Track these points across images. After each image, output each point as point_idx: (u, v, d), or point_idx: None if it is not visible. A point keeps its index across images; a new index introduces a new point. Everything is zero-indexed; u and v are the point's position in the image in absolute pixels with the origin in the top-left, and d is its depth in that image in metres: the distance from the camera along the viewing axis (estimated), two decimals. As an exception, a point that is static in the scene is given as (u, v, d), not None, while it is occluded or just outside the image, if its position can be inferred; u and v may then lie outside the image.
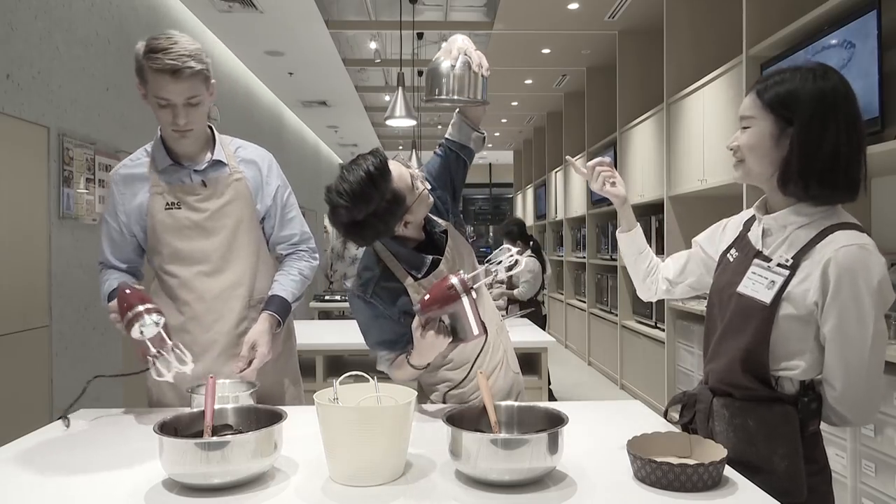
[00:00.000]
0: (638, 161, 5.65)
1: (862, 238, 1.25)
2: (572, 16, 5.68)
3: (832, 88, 1.26)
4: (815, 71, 1.29)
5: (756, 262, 1.34)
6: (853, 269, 1.23)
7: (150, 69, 1.64)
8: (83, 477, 1.31)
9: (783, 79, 1.30)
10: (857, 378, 1.26)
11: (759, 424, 1.30)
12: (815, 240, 1.28)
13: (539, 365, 3.43)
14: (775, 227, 1.36)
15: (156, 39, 1.66)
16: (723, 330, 1.38)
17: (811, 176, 1.26)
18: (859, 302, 1.23)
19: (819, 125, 1.25)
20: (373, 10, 6.38)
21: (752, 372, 1.31)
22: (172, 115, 1.70)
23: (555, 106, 8.98)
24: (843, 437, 2.66)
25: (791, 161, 1.27)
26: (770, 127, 1.30)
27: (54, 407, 3.37)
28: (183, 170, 1.83)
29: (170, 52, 1.63)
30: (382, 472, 1.25)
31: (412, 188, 1.61)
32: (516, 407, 1.39)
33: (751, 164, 1.34)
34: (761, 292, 1.30)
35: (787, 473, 1.27)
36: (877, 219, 3.28)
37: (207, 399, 1.35)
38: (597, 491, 1.21)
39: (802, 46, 3.05)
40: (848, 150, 1.26)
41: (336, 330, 4.14)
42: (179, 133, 1.74)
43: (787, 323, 1.28)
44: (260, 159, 1.91)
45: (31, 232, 3.34)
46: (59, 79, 3.59)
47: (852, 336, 1.24)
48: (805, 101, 1.26)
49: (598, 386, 6.44)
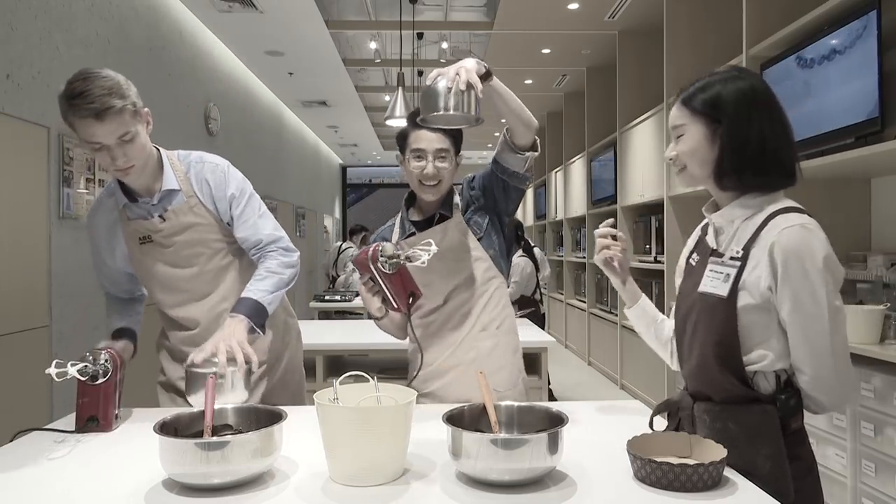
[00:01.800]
0: (638, 161, 5.65)
1: (802, 218, 1.29)
2: (572, 16, 5.68)
3: (751, 86, 1.35)
4: (733, 73, 1.38)
5: (711, 260, 1.39)
6: (797, 249, 1.26)
7: (74, 115, 1.58)
8: (83, 477, 1.31)
9: (705, 85, 1.37)
10: (824, 358, 1.27)
11: (740, 427, 1.31)
12: (760, 227, 1.32)
13: (539, 365, 3.43)
14: (724, 223, 1.41)
15: (72, 84, 1.58)
16: (691, 332, 1.41)
17: (744, 167, 1.33)
18: (809, 280, 1.26)
19: (744, 120, 1.33)
20: (373, 10, 6.38)
21: (725, 364, 1.32)
22: (110, 157, 1.64)
23: (555, 106, 8.98)
24: (843, 437, 2.66)
25: (723, 157, 1.34)
26: (702, 130, 1.36)
27: (54, 407, 3.38)
28: (141, 206, 1.79)
29: (86, 95, 1.56)
30: (382, 472, 1.25)
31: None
32: (516, 407, 1.39)
33: (692, 169, 1.40)
34: (719, 287, 1.34)
35: (773, 474, 1.27)
36: (877, 219, 3.28)
37: (207, 399, 1.35)
38: (597, 491, 1.21)
39: (802, 46, 3.05)
40: (774, 137, 1.33)
41: (336, 330, 4.14)
42: (122, 172, 1.68)
43: (747, 314, 1.31)
44: (211, 175, 1.82)
45: (31, 232, 3.34)
46: (59, 79, 3.57)
47: (809, 315, 1.26)
48: (729, 100, 1.34)
49: (598, 386, 6.44)
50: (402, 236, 1.91)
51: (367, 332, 4.21)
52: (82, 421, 1.57)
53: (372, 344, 3.38)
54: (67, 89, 1.58)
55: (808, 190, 3.26)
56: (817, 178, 3.26)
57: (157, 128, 1.81)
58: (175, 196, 1.78)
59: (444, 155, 1.83)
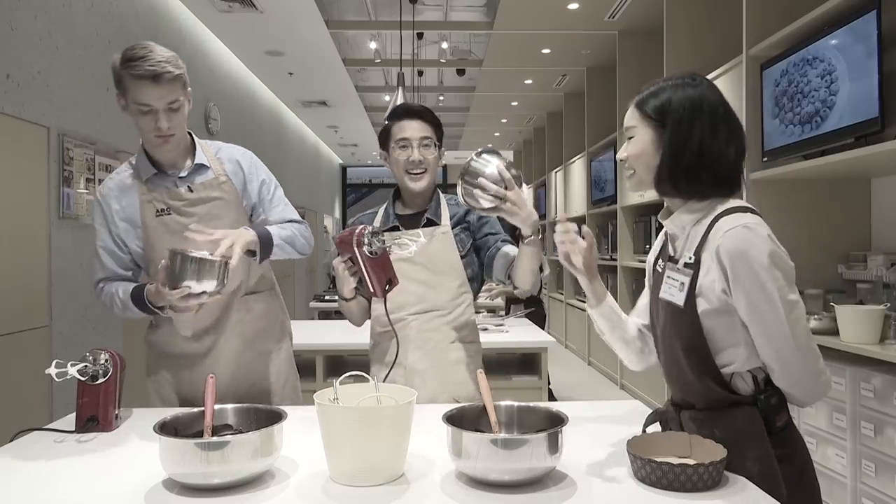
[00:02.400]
0: (638, 161, 5.64)
1: (744, 218, 1.29)
2: (572, 16, 5.68)
3: (700, 94, 1.34)
4: (685, 79, 1.37)
5: (669, 266, 1.39)
6: (741, 249, 1.26)
7: (131, 76, 1.67)
8: (83, 477, 1.31)
9: (658, 90, 1.37)
10: (788, 353, 1.27)
11: (725, 432, 1.30)
12: (707, 231, 1.32)
13: (539, 365, 3.43)
14: (676, 229, 1.41)
15: (132, 49, 1.69)
16: (662, 340, 1.41)
17: (678, 172, 1.33)
18: (758, 279, 1.25)
19: (686, 126, 1.33)
20: (373, 10, 6.38)
21: (700, 369, 1.32)
22: (154, 120, 1.71)
23: (555, 106, 8.98)
24: (843, 437, 2.66)
25: (663, 161, 1.34)
26: (650, 134, 1.36)
27: (54, 407, 3.38)
28: (168, 177, 1.84)
29: (148, 59, 1.66)
30: (382, 472, 1.25)
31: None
32: (516, 407, 1.39)
33: (640, 173, 1.40)
34: (676, 296, 1.34)
35: (762, 476, 1.26)
36: (877, 219, 3.28)
37: (207, 399, 1.35)
38: (597, 491, 1.21)
39: (802, 46, 3.05)
40: (714, 148, 1.32)
41: (336, 330, 4.13)
42: (162, 139, 1.75)
43: (709, 319, 1.31)
44: (241, 159, 1.93)
45: (31, 232, 3.34)
46: (59, 79, 3.59)
47: (765, 313, 1.26)
48: (675, 106, 1.34)
49: (598, 386, 6.44)
50: (383, 227, 1.93)
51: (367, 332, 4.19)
52: (82, 421, 1.57)
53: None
54: (127, 53, 1.68)
55: (808, 190, 3.29)
56: (817, 178, 3.26)
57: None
58: (204, 172, 1.86)
59: (427, 143, 1.91)
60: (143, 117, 1.72)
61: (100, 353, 1.59)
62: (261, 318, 1.95)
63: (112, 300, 1.82)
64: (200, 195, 1.84)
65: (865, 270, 3.04)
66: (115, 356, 1.61)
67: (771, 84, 3.30)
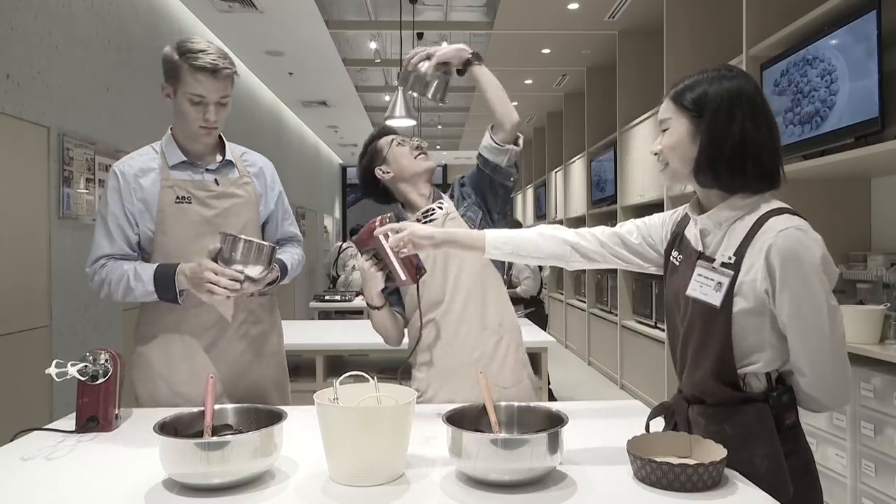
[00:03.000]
0: (638, 161, 5.65)
1: (796, 220, 1.28)
2: (572, 16, 5.68)
3: (737, 85, 1.33)
4: (721, 71, 1.37)
5: (700, 264, 1.36)
6: (795, 251, 1.25)
7: (191, 67, 1.73)
8: (83, 477, 1.31)
9: (694, 82, 1.37)
10: (824, 360, 1.27)
11: (735, 428, 1.30)
12: (753, 230, 1.30)
13: (539, 365, 3.43)
14: (711, 225, 1.39)
15: (190, 42, 1.75)
16: (684, 336, 1.40)
17: (720, 164, 1.32)
18: (808, 283, 1.25)
19: (725, 117, 1.31)
20: (373, 10, 6.38)
21: (720, 377, 1.32)
22: (203, 112, 1.77)
23: (555, 106, 8.98)
24: (843, 437, 2.66)
25: (703, 153, 1.33)
26: (686, 125, 1.36)
27: (54, 407, 3.38)
28: (194, 168, 1.86)
29: (208, 52, 1.74)
30: (382, 472, 1.25)
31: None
32: (516, 407, 1.39)
33: (674, 165, 1.39)
34: (710, 295, 1.32)
35: (770, 473, 1.27)
36: (877, 219, 3.28)
37: (207, 399, 1.35)
38: (597, 491, 1.21)
39: (802, 46, 3.05)
40: (756, 138, 1.31)
41: (336, 330, 4.14)
42: (206, 130, 1.81)
43: (741, 318, 1.30)
44: (265, 166, 2.01)
45: (31, 232, 3.34)
46: (59, 79, 3.59)
47: (809, 319, 1.26)
48: (713, 97, 1.33)
49: (598, 386, 6.44)
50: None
51: (367, 332, 4.19)
52: (82, 421, 1.57)
53: (372, 344, 3.37)
54: (186, 45, 1.74)
55: (808, 190, 3.29)
56: (817, 178, 3.26)
57: (157, 128, 1.83)
58: (231, 170, 1.91)
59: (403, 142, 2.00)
60: (193, 108, 1.77)
61: (100, 353, 1.59)
62: (265, 320, 1.96)
63: (120, 279, 1.76)
64: (225, 190, 1.87)
65: (865, 270, 3.04)
66: (115, 356, 1.61)
67: (771, 84, 3.30)
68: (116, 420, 1.62)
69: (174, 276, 1.73)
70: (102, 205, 1.85)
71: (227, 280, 1.64)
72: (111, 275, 1.78)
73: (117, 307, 4.06)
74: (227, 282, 1.64)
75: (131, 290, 1.76)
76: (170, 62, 1.76)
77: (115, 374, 1.59)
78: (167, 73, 1.78)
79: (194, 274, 1.68)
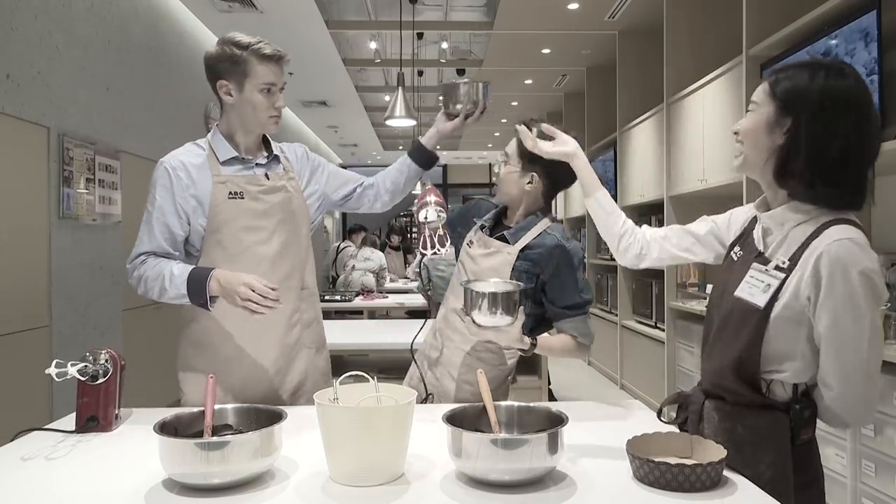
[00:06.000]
0: (638, 161, 5.65)
1: (854, 232, 1.23)
2: (572, 16, 5.68)
3: (845, 88, 1.22)
4: (829, 68, 1.25)
5: (755, 266, 1.32)
6: (845, 262, 1.19)
7: (260, 57, 1.74)
8: (83, 477, 1.31)
9: (796, 73, 1.28)
10: (855, 378, 1.22)
11: (748, 431, 1.29)
12: (812, 236, 1.25)
13: (539, 365, 3.43)
14: (773, 225, 1.33)
15: (240, 35, 1.76)
16: (717, 330, 1.37)
17: (816, 174, 1.23)
18: (854, 298, 1.20)
19: (825, 123, 1.21)
20: (373, 10, 6.38)
21: (742, 378, 1.30)
22: (273, 100, 1.79)
23: (555, 106, 8.97)
24: (843, 437, 2.66)
25: (791, 154, 1.25)
26: (769, 114, 1.28)
27: (54, 407, 3.38)
28: (244, 163, 1.85)
29: (265, 42, 1.76)
30: (382, 472, 1.25)
31: None
32: (516, 407, 1.40)
33: (747, 150, 1.33)
34: (757, 296, 1.28)
35: (772, 483, 1.24)
36: (877, 219, 3.28)
37: (207, 399, 1.35)
38: (597, 491, 1.21)
39: (802, 46, 3.05)
40: (859, 151, 1.22)
41: (336, 330, 4.13)
42: (274, 118, 1.83)
43: (778, 324, 1.26)
44: (298, 149, 2.03)
45: (31, 232, 3.34)
46: (59, 79, 3.59)
47: (848, 334, 1.21)
48: (812, 97, 1.23)
49: (598, 386, 6.43)
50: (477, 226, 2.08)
51: (367, 332, 4.22)
52: (82, 421, 1.57)
53: (372, 344, 3.39)
54: (242, 41, 1.74)
55: (808, 190, 3.28)
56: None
57: (157, 128, 1.82)
58: (277, 164, 1.91)
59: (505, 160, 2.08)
60: (264, 97, 1.78)
61: (100, 353, 1.59)
62: (313, 321, 1.95)
63: (156, 277, 1.72)
64: (275, 184, 1.87)
65: (865, 270, 3.03)
66: (115, 356, 1.61)
67: (771, 84, 3.29)
68: (116, 420, 1.62)
69: (206, 282, 1.68)
70: (150, 201, 1.79)
71: (259, 296, 1.61)
72: (149, 272, 1.74)
73: (117, 307, 4.06)
74: (261, 298, 1.61)
75: (166, 290, 1.72)
76: (230, 58, 1.74)
77: (115, 374, 1.59)
78: (226, 70, 1.75)
79: (228, 283, 1.64)
